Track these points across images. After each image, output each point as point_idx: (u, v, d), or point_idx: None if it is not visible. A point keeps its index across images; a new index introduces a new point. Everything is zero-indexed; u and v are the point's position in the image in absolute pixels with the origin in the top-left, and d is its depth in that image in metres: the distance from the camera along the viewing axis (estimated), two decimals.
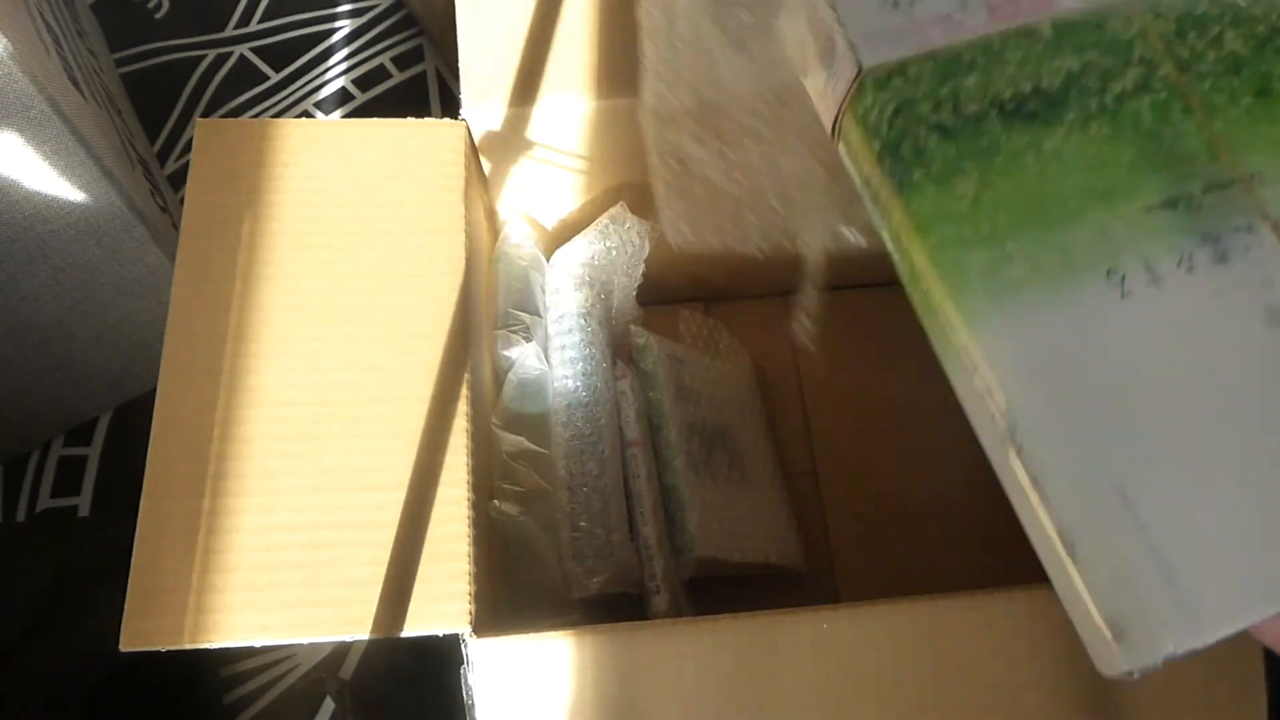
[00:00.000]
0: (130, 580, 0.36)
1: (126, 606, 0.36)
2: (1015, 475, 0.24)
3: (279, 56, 0.99)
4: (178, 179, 0.92)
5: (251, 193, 0.44)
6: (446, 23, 0.50)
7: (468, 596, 0.37)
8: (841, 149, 0.28)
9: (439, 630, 0.37)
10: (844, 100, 0.27)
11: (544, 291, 0.54)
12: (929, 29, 0.26)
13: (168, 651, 0.36)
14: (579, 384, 0.50)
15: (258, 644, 0.36)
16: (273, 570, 0.37)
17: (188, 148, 0.93)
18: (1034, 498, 0.24)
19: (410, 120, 0.47)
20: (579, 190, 0.55)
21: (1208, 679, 0.37)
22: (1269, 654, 0.37)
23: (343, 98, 0.98)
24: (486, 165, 0.51)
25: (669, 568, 0.50)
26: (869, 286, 0.68)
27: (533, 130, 0.50)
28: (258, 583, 0.37)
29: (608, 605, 0.48)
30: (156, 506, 0.38)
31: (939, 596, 0.37)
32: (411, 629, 0.36)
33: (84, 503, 0.79)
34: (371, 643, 0.73)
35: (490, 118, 0.48)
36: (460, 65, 0.48)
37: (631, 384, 0.53)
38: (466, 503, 0.39)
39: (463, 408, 0.41)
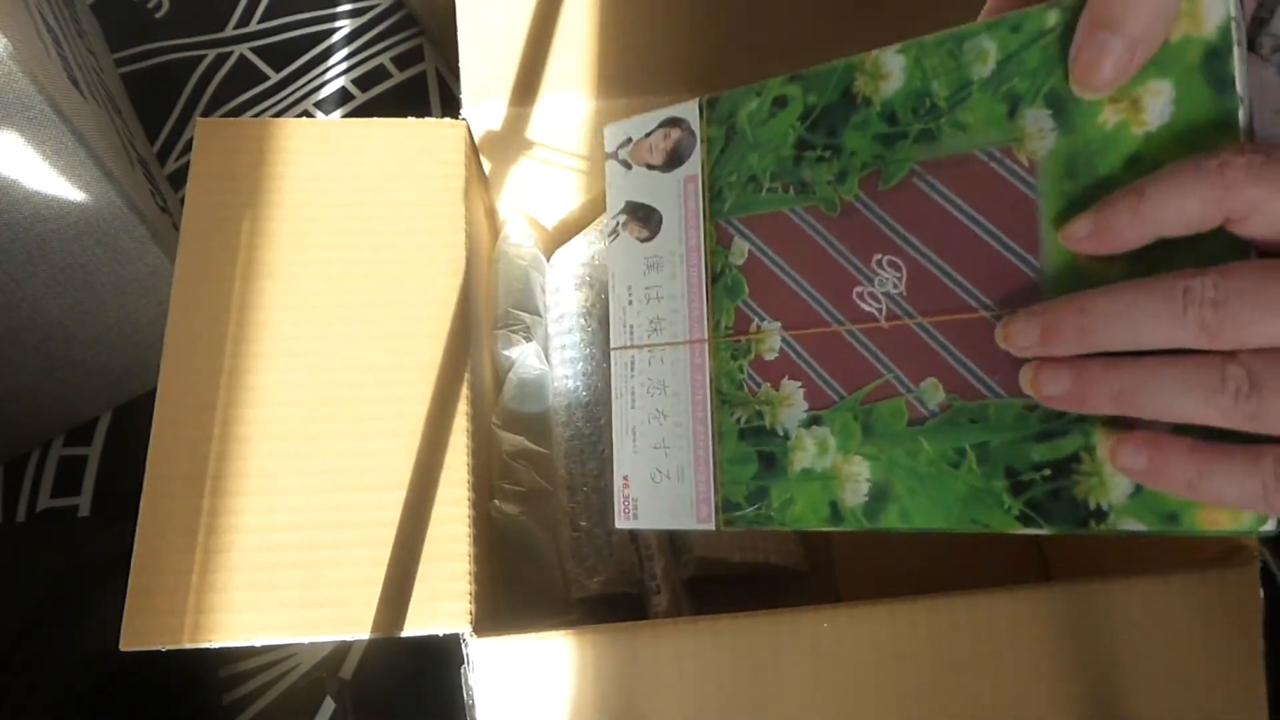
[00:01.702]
0: (130, 580, 0.36)
1: (126, 606, 0.36)
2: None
3: (279, 56, 1.00)
4: (178, 179, 0.92)
5: (251, 193, 0.44)
6: (446, 23, 0.50)
7: (468, 596, 0.37)
8: None
9: (439, 630, 0.37)
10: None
11: (544, 291, 0.54)
12: None
13: (168, 651, 0.36)
14: (579, 384, 0.50)
15: (258, 644, 0.36)
16: (273, 570, 0.37)
17: (188, 148, 0.93)
18: None
19: (410, 120, 0.47)
20: (579, 190, 0.55)
21: (1208, 678, 0.37)
22: (1269, 654, 0.37)
23: (343, 98, 0.98)
24: (486, 165, 0.51)
25: (669, 567, 0.50)
26: None
27: (533, 130, 0.50)
28: (258, 583, 0.37)
29: (608, 605, 0.48)
30: (156, 506, 0.38)
31: (939, 596, 0.37)
32: (411, 629, 0.36)
33: (84, 503, 0.79)
34: (371, 643, 0.73)
35: (490, 117, 0.48)
36: (460, 65, 0.48)
37: None
38: (466, 503, 0.39)
39: (463, 408, 0.41)
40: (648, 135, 0.35)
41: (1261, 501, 0.23)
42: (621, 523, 0.36)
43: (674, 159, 0.35)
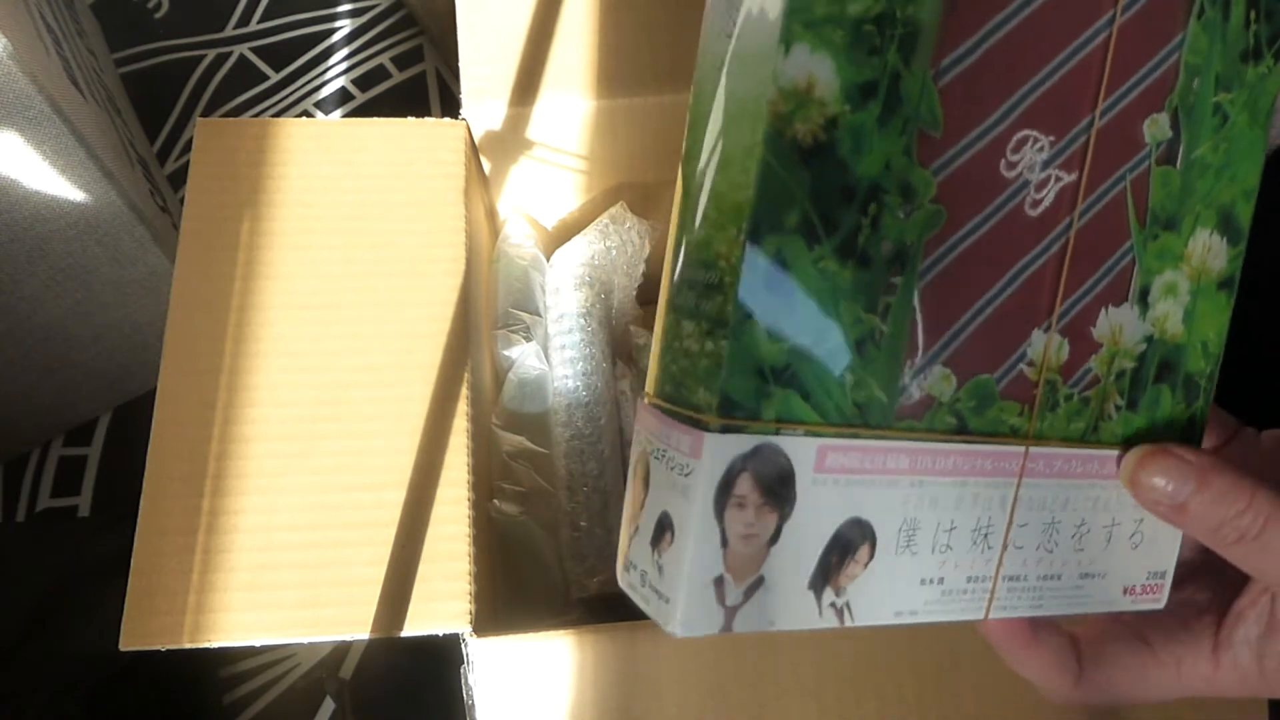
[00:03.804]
0: (130, 580, 0.36)
1: (126, 606, 0.36)
2: None
3: (279, 56, 1.00)
4: (178, 179, 0.92)
5: (251, 193, 0.44)
6: (446, 23, 0.50)
7: (468, 596, 0.37)
8: None
9: (439, 630, 0.37)
10: None
11: (544, 291, 0.54)
12: None
13: (168, 651, 0.36)
14: (579, 384, 0.50)
15: (258, 644, 0.36)
16: (273, 570, 0.37)
17: (188, 148, 0.93)
18: None
19: (410, 120, 0.47)
20: (579, 190, 0.55)
21: None
22: None
23: (343, 98, 0.98)
24: (486, 165, 0.51)
25: None
26: None
27: (533, 130, 0.50)
28: (258, 583, 0.37)
29: (608, 605, 0.48)
30: (156, 506, 0.38)
31: None
32: (411, 629, 0.36)
33: (84, 503, 0.79)
34: (371, 643, 0.73)
35: (490, 117, 0.48)
36: (460, 65, 0.48)
37: (631, 384, 0.53)
38: (466, 503, 0.39)
39: (463, 408, 0.41)
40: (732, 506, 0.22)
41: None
42: None
43: (780, 499, 0.22)
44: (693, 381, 0.22)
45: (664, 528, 0.22)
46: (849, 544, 0.23)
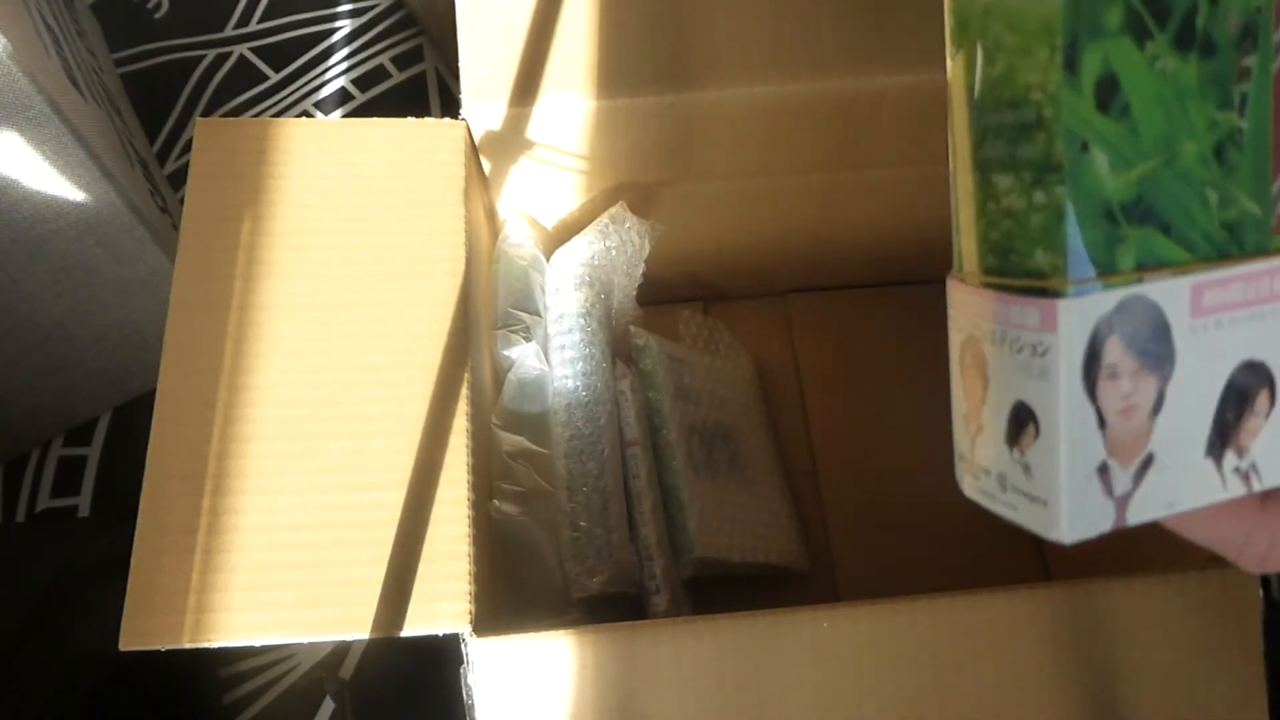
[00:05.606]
0: (130, 580, 0.36)
1: (126, 606, 0.36)
2: None
3: (279, 56, 1.00)
4: (178, 179, 0.92)
5: (251, 193, 0.44)
6: (446, 23, 0.50)
7: (468, 596, 0.37)
8: None
9: (439, 630, 0.37)
10: None
11: (544, 291, 0.54)
12: None
13: (168, 651, 0.36)
14: (579, 384, 0.50)
15: (258, 644, 0.36)
16: (273, 570, 0.37)
17: (188, 148, 0.93)
18: None
19: (410, 120, 0.47)
20: (579, 190, 0.55)
21: (1208, 678, 0.37)
22: (1269, 654, 0.37)
23: (343, 98, 0.98)
24: (486, 165, 0.51)
25: (669, 567, 0.50)
26: (869, 287, 0.68)
27: (533, 130, 0.50)
28: (258, 583, 0.37)
29: (608, 605, 0.48)
30: (156, 506, 0.38)
31: (939, 596, 0.37)
32: (411, 629, 0.36)
33: (84, 503, 0.79)
34: (371, 643, 0.73)
35: (490, 117, 0.48)
36: (460, 65, 0.48)
37: (631, 384, 0.53)
38: (466, 503, 0.39)
39: (463, 407, 0.41)
40: None
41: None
42: None
43: None
44: (1025, 244, 0.19)
45: (1022, 420, 0.19)
46: (1244, 394, 0.20)
